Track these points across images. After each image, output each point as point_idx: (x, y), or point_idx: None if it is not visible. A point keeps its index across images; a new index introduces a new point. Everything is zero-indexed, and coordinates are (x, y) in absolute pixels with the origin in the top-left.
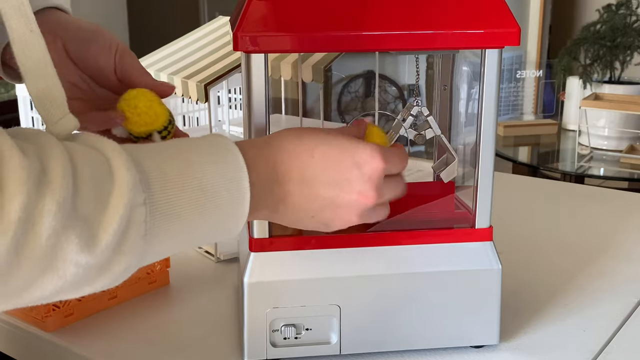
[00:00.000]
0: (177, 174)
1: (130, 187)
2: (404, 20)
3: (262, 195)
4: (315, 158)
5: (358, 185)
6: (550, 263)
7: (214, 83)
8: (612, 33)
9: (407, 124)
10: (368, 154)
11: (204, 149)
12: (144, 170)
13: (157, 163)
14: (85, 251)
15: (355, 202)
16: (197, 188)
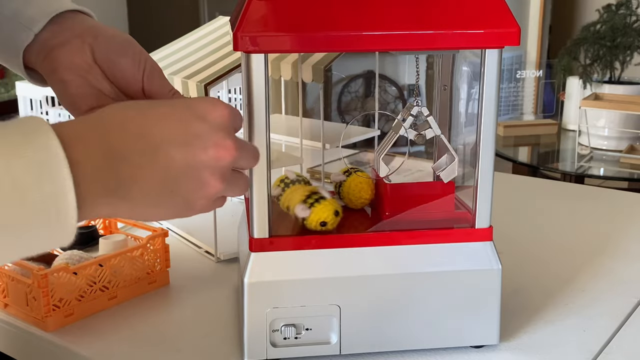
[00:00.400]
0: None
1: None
2: (404, 20)
3: (99, 177)
4: (150, 120)
5: (210, 137)
6: (550, 263)
7: (214, 83)
8: (612, 33)
9: (407, 124)
10: (208, 102)
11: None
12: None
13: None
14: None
15: (214, 158)
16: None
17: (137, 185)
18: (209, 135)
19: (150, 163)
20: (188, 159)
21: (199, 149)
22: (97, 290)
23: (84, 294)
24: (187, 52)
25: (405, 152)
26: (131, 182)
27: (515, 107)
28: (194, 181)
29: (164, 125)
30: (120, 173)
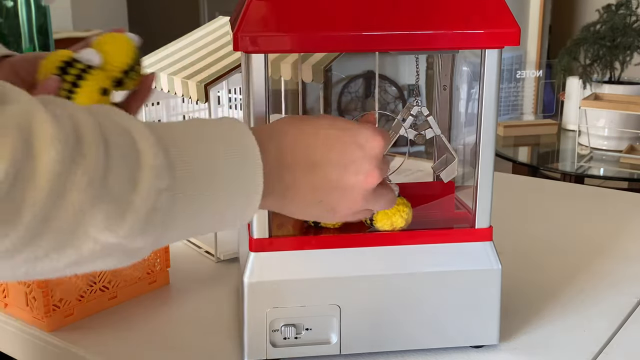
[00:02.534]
0: (200, 164)
1: (156, 174)
2: (404, 20)
3: (271, 181)
4: (319, 140)
5: (363, 165)
6: (550, 263)
7: (214, 83)
8: (612, 33)
9: (407, 124)
10: (370, 134)
11: (223, 135)
12: (169, 156)
13: (181, 150)
14: (109, 230)
15: (362, 182)
16: (217, 177)
17: (293, 190)
18: (363, 163)
19: (308, 176)
20: (340, 180)
21: (351, 173)
22: (97, 290)
23: (84, 294)
24: (187, 52)
25: (405, 152)
26: (290, 187)
27: (515, 107)
28: (340, 197)
29: (327, 146)
30: (284, 178)
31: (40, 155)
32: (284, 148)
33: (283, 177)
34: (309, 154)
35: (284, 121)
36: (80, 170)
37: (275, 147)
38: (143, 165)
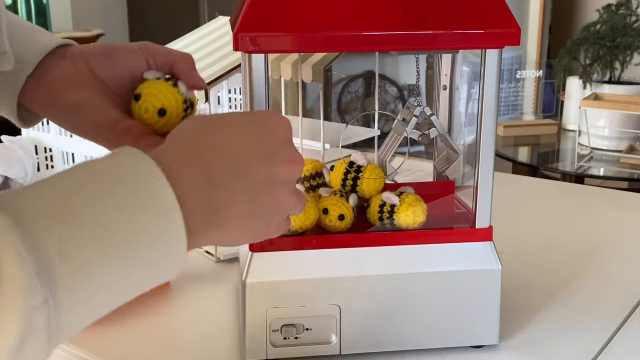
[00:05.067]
0: (89, 239)
1: (26, 292)
2: (404, 20)
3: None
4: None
5: (284, 152)
6: (550, 263)
7: (214, 83)
8: (612, 33)
9: (412, 125)
10: (272, 116)
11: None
12: (43, 250)
13: (59, 231)
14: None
15: (290, 171)
16: (114, 243)
17: (230, 209)
18: (282, 151)
19: (240, 183)
20: (268, 176)
21: (276, 165)
22: None
23: None
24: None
25: (405, 152)
26: (225, 207)
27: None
28: (273, 199)
29: (245, 142)
30: (216, 199)
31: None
32: (207, 164)
33: (216, 198)
34: (237, 158)
35: (181, 134)
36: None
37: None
38: (5, 289)
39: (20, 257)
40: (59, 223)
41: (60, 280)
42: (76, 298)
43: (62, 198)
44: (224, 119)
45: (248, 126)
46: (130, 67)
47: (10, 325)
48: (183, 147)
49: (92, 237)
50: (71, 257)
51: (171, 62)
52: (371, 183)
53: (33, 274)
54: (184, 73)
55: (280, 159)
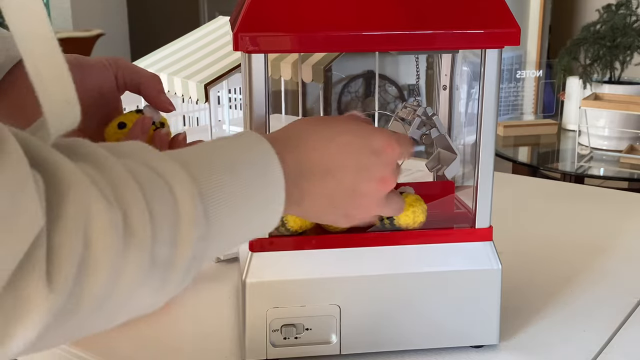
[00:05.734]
0: (230, 196)
1: (195, 223)
2: (404, 20)
3: (289, 192)
4: (335, 148)
5: (377, 171)
6: (550, 263)
7: (214, 83)
8: (612, 33)
9: (415, 124)
10: (385, 140)
11: (248, 159)
12: (204, 199)
13: (213, 188)
14: (156, 294)
15: (376, 189)
16: (245, 204)
17: (309, 197)
18: (377, 170)
19: (322, 183)
20: (354, 186)
21: (365, 180)
22: None
23: None
24: (187, 52)
25: None
26: (306, 194)
27: (515, 107)
28: (356, 202)
29: (342, 154)
30: (301, 186)
31: (97, 246)
32: (301, 157)
33: (300, 185)
34: (325, 161)
35: (300, 127)
36: (131, 252)
37: (292, 158)
38: (182, 218)
39: (194, 201)
40: (215, 180)
41: (213, 221)
42: (220, 236)
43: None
44: (337, 127)
45: (354, 139)
46: (99, 81)
47: (186, 249)
48: (289, 141)
49: (233, 194)
50: (220, 204)
51: (138, 82)
52: None
53: (201, 214)
54: (151, 95)
55: (371, 176)
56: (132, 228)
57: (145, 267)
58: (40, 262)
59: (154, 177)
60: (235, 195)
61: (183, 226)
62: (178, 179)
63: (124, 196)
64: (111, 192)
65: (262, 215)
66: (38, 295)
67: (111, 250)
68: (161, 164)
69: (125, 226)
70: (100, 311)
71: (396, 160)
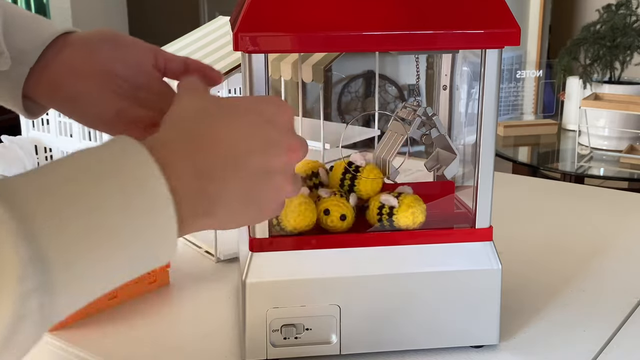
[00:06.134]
0: (81, 227)
1: (20, 276)
2: (404, 20)
3: (189, 200)
4: (232, 130)
5: (282, 142)
6: (550, 263)
7: None
8: (612, 33)
9: (416, 124)
10: (274, 104)
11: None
12: (37, 236)
13: (53, 217)
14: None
15: (286, 162)
16: (109, 238)
17: (221, 201)
18: (281, 141)
19: (233, 175)
20: (265, 166)
21: (273, 156)
22: None
23: None
24: (187, 52)
25: (405, 152)
26: (216, 199)
27: (515, 107)
28: (270, 187)
29: (241, 134)
30: (208, 191)
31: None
32: (199, 157)
33: (207, 192)
34: (227, 149)
35: (184, 116)
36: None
37: (187, 159)
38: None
39: (16, 243)
40: (53, 209)
41: (54, 264)
42: (69, 281)
43: (58, 185)
44: (222, 107)
45: (247, 117)
46: (139, 60)
47: (4, 309)
48: (177, 139)
49: (86, 223)
50: (65, 242)
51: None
52: (369, 183)
53: (27, 259)
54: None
55: (279, 150)
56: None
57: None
58: None
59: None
60: (89, 229)
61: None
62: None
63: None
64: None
65: (142, 245)
66: None
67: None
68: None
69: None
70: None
71: (293, 123)
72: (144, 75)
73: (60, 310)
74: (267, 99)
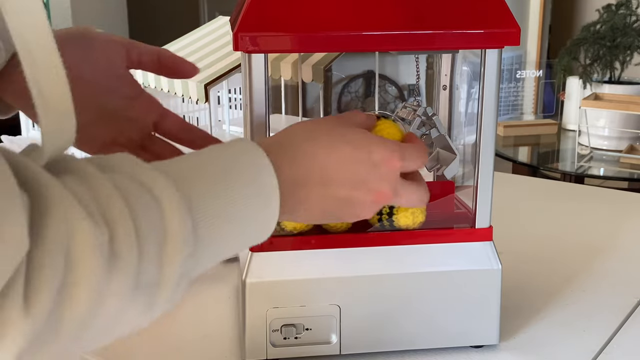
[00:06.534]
0: (221, 209)
1: (184, 241)
2: (404, 20)
3: (283, 200)
4: (335, 158)
5: (374, 185)
6: (550, 263)
7: (214, 83)
8: (612, 33)
9: (416, 124)
10: (386, 153)
11: (240, 168)
12: (193, 214)
13: (204, 202)
14: (142, 315)
15: (371, 202)
16: (237, 217)
17: (304, 206)
18: (374, 184)
19: (319, 193)
20: (349, 197)
21: (361, 192)
22: None
23: None
24: (187, 52)
25: None
26: (301, 202)
27: (515, 107)
28: (350, 210)
29: (340, 165)
30: (295, 196)
31: (79, 269)
32: (298, 166)
33: (296, 194)
34: (322, 171)
35: (300, 133)
36: (116, 275)
37: (289, 166)
38: (170, 236)
39: (181, 212)
40: (202, 192)
41: (203, 237)
42: (210, 250)
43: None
44: (330, 136)
45: (353, 151)
46: (109, 59)
47: (174, 270)
48: (285, 149)
49: (224, 207)
50: (211, 222)
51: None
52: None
53: (190, 229)
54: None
55: (368, 190)
56: (117, 249)
57: (130, 290)
58: (18, 285)
59: (141, 192)
60: (227, 209)
61: (170, 245)
62: (166, 194)
63: (110, 214)
64: (97, 209)
65: (254, 227)
66: (14, 319)
67: (94, 274)
68: (149, 178)
69: (111, 247)
70: (81, 336)
71: (396, 173)
72: (113, 78)
73: (198, 271)
74: (384, 144)
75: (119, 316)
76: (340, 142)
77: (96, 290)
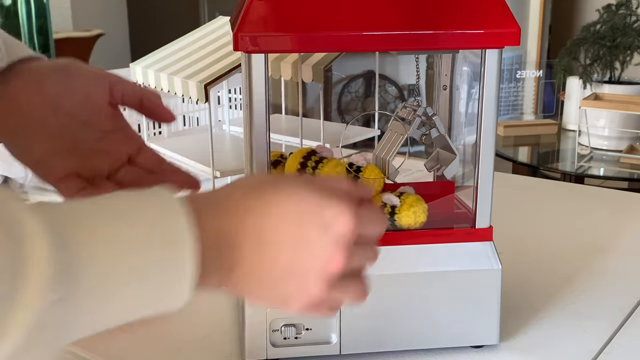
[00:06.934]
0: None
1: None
2: (404, 20)
3: (207, 258)
4: (276, 215)
5: (321, 248)
6: (550, 263)
7: (214, 83)
8: (612, 33)
9: (416, 124)
10: (339, 211)
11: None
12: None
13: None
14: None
15: (319, 269)
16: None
17: (237, 273)
18: (321, 247)
19: (255, 259)
20: (291, 264)
21: (305, 257)
22: None
23: None
24: (187, 52)
25: (405, 152)
26: (233, 269)
27: (515, 107)
28: (293, 285)
29: (283, 223)
30: (225, 257)
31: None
32: (228, 219)
33: (225, 253)
34: (259, 230)
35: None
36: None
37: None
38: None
39: (51, 254)
40: (90, 232)
41: (82, 282)
42: (91, 302)
43: (95, 215)
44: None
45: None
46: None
47: (26, 315)
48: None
49: (117, 253)
50: (94, 265)
51: (140, 95)
52: (370, 184)
53: (59, 271)
54: (154, 106)
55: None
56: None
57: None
58: None
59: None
60: (117, 251)
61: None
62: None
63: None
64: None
65: (158, 281)
66: None
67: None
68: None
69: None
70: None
71: (349, 236)
72: (93, 112)
73: (75, 329)
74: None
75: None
76: (287, 201)
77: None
